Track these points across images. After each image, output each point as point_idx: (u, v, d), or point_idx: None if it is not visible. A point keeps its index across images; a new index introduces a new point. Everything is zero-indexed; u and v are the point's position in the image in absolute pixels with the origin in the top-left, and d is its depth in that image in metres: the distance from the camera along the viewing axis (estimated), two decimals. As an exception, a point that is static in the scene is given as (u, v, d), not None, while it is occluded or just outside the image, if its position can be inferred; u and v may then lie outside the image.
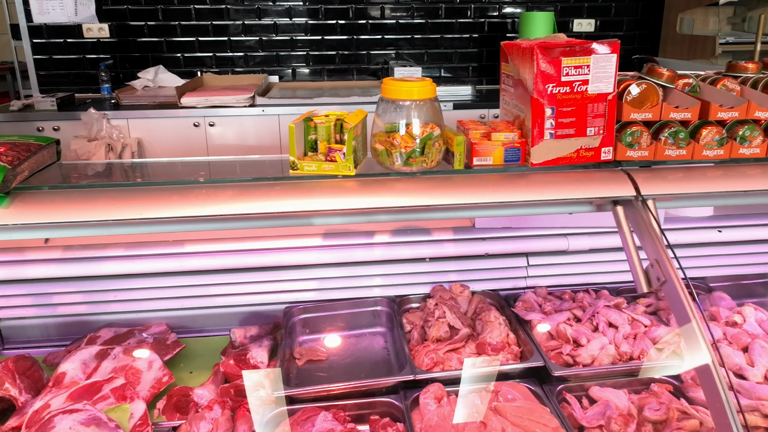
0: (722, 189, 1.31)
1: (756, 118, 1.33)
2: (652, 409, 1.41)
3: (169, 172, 1.43)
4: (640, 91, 1.28)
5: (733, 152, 1.33)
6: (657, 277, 1.18)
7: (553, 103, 1.19)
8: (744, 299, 2.02)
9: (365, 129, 1.25)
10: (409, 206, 1.08)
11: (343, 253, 1.71)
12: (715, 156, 1.32)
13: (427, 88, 1.16)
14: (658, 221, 1.23)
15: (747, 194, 1.32)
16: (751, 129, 1.32)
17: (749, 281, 2.08)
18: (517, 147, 1.24)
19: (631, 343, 1.65)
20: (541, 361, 1.52)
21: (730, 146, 1.32)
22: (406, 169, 1.16)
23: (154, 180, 1.20)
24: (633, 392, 1.54)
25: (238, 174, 1.25)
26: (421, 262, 1.79)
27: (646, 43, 4.56)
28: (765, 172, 1.35)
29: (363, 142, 1.23)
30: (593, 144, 1.25)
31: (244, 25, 4.13)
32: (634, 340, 1.66)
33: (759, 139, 1.33)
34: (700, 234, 1.96)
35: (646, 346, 1.62)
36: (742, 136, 1.32)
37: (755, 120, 1.33)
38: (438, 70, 4.46)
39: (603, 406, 1.42)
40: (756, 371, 1.54)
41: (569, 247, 1.86)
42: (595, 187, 1.25)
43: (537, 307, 1.79)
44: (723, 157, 1.32)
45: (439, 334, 1.61)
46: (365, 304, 1.79)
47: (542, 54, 1.16)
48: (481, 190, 1.15)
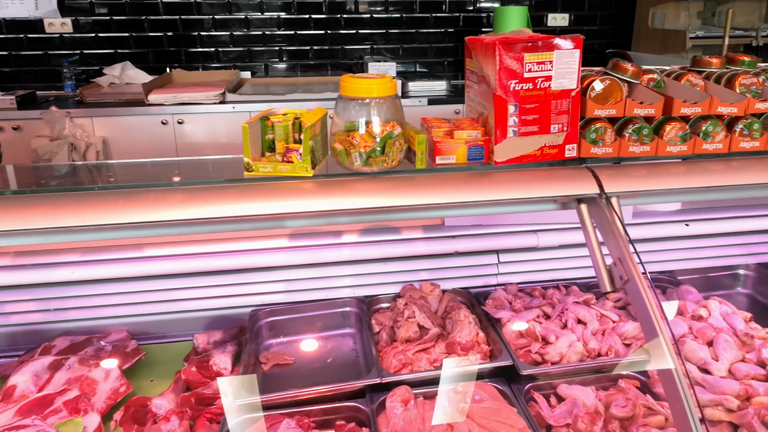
0: (686, 185, 1.31)
1: (719, 114, 1.33)
2: (618, 406, 1.41)
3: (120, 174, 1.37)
4: (604, 87, 1.26)
5: (697, 148, 1.33)
6: (620, 276, 1.17)
7: (516, 99, 1.17)
8: (711, 291, 2.05)
9: (326, 128, 1.21)
10: (369, 208, 1.05)
11: (310, 254, 1.67)
12: (678, 152, 1.32)
13: (387, 86, 1.13)
14: (621, 219, 1.22)
15: (710, 190, 1.33)
16: (714, 124, 1.32)
17: (716, 273, 2.11)
18: (480, 145, 1.21)
19: (600, 339, 1.65)
20: (509, 360, 1.51)
21: (693, 142, 1.32)
22: (366, 169, 1.13)
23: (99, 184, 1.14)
24: (601, 389, 1.53)
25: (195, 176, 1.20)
26: (391, 261, 1.77)
27: (619, 37, 4.60)
28: (728, 167, 1.35)
29: (323, 142, 1.20)
30: (557, 141, 1.23)
31: (215, 20, 4.04)
32: (602, 337, 1.66)
33: (722, 135, 1.33)
34: (667, 228, 1.97)
35: (614, 342, 1.62)
36: (705, 131, 1.32)
37: (718, 115, 1.33)
38: (413, 65, 4.44)
39: (570, 405, 1.41)
40: (720, 365, 1.55)
41: (539, 244, 1.85)
42: (559, 186, 1.23)
43: (507, 305, 1.78)
44: (686, 153, 1.32)
45: (409, 335, 1.59)
46: (334, 305, 1.76)
47: (504, 50, 1.14)
48: (443, 189, 1.13)
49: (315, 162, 1.11)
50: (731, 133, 1.34)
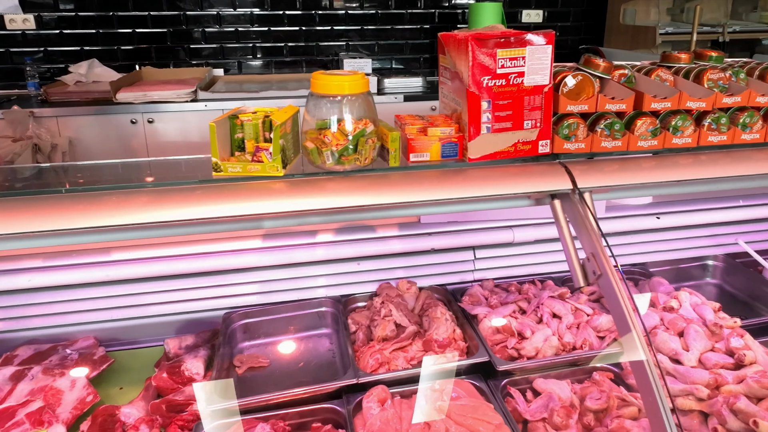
0: (656, 179, 1.32)
1: (688, 108, 1.34)
2: (593, 398, 1.43)
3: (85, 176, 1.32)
4: (576, 83, 1.27)
5: (667, 142, 1.34)
6: (593, 271, 1.18)
7: (490, 96, 1.17)
8: (682, 282, 2.09)
9: (297, 126, 1.19)
10: (342, 207, 1.03)
11: (284, 255, 1.65)
12: (649, 146, 1.33)
13: (359, 82, 1.12)
14: (594, 214, 1.22)
15: (680, 183, 1.34)
16: (683, 119, 1.33)
17: (686, 265, 2.15)
18: (454, 142, 1.21)
19: (574, 332, 1.66)
20: (486, 356, 1.51)
21: (663, 136, 1.33)
22: (338, 167, 1.11)
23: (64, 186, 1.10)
24: (576, 381, 1.55)
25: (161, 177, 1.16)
26: (367, 260, 1.75)
27: (592, 33, 4.65)
28: (696, 161, 1.37)
29: (295, 141, 1.17)
30: (530, 137, 1.23)
31: (186, 16, 3.96)
32: (577, 330, 1.68)
33: (690, 129, 1.35)
34: (640, 221, 2.00)
35: (588, 336, 1.64)
36: (674, 126, 1.34)
37: (687, 110, 1.35)
38: (389, 61, 4.42)
39: (546, 399, 1.42)
40: (690, 355, 1.57)
41: (515, 239, 1.86)
42: (532, 182, 1.23)
43: (483, 301, 1.78)
44: (657, 147, 1.34)
45: (385, 333, 1.57)
46: (309, 305, 1.74)
47: (477, 46, 1.13)
48: (417, 187, 1.12)
49: (286, 161, 1.08)
50: (700, 127, 1.36)
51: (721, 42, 4.10)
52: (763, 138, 1.39)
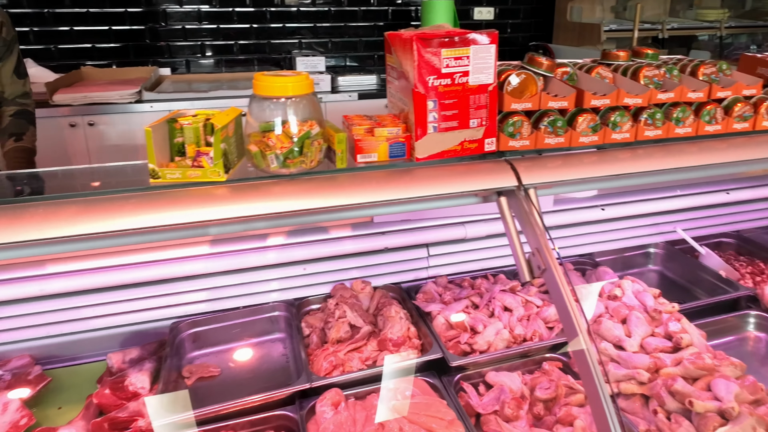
0: (597, 174, 1.36)
1: (625, 105, 1.39)
2: (542, 388, 1.46)
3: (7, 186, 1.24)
4: (520, 81, 1.29)
5: (606, 138, 1.38)
6: (538, 266, 1.20)
7: (435, 95, 1.17)
8: (626, 270, 2.17)
9: (241, 129, 1.16)
10: (288, 212, 1.02)
11: (234, 260, 1.61)
12: (590, 142, 1.37)
13: (303, 83, 1.10)
14: (539, 210, 1.25)
15: (619, 177, 1.39)
16: (621, 115, 1.38)
17: (630, 253, 2.23)
18: (401, 142, 1.21)
19: (525, 325, 1.70)
20: (439, 353, 1.53)
21: (603, 132, 1.37)
22: (284, 171, 1.09)
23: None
24: (527, 372, 1.59)
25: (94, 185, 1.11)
26: (320, 262, 1.73)
27: (541, 30, 4.76)
28: (634, 155, 1.42)
29: (238, 144, 1.14)
30: (477, 136, 1.25)
31: (128, 13, 3.81)
32: (527, 322, 1.72)
33: (628, 125, 1.39)
34: (586, 213, 2.06)
35: (538, 327, 1.68)
36: (613, 122, 1.38)
37: (625, 106, 1.39)
38: (343, 59, 4.39)
39: (498, 391, 1.45)
40: (632, 341, 1.63)
41: (467, 235, 1.88)
42: (479, 179, 1.25)
43: (437, 298, 1.80)
44: (598, 142, 1.38)
45: (339, 335, 1.57)
46: (261, 310, 1.71)
47: (422, 45, 1.13)
48: (364, 189, 1.11)
49: (229, 165, 1.06)
50: (637, 122, 1.41)
51: (661, 38, 4.27)
52: (694, 132, 1.46)
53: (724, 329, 1.80)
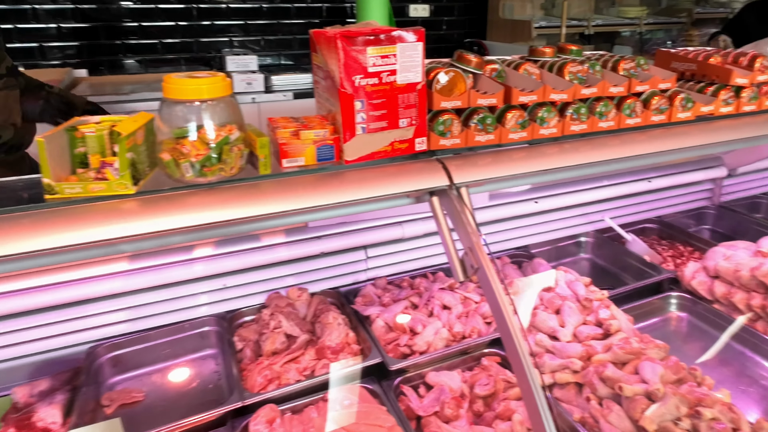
0: (526, 170, 1.37)
1: (552, 100, 1.40)
2: (481, 385, 1.47)
3: None
4: (449, 79, 1.27)
5: (535, 133, 1.40)
6: (471, 265, 1.20)
7: (363, 95, 1.14)
8: (559, 260, 2.24)
9: (154, 135, 1.08)
10: (207, 224, 0.95)
11: (157, 275, 1.51)
12: (519, 138, 1.37)
13: (219, 85, 1.03)
14: (470, 209, 1.24)
15: (547, 172, 1.40)
16: (548, 111, 1.40)
17: (563, 243, 2.30)
18: (329, 144, 1.16)
19: (464, 321, 1.70)
20: (379, 358, 1.50)
21: (532, 128, 1.38)
22: (201, 180, 1.02)
23: None
24: (467, 369, 1.59)
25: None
26: (254, 271, 1.65)
27: (476, 27, 4.83)
28: (562, 150, 1.44)
29: (150, 152, 1.06)
30: (407, 135, 1.22)
31: (35, 10, 3.54)
32: (466, 319, 1.72)
33: (555, 120, 1.41)
34: (520, 206, 2.10)
35: (476, 323, 1.69)
36: (541, 117, 1.39)
37: (551, 102, 1.41)
38: (277, 57, 4.28)
39: (438, 392, 1.44)
40: (566, 331, 1.67)
41: (405, 235, 1.86)
42: (411, 180, 1.23)
43: (376, 300, 1.77)
44: (526, 138, 1.39)
45: (275, 347, 1.51)
46: (190, 327, 1.62)
47: (346, 43, 1.09)
48: (291, 195, 1.06)
49: (138, 177, 0.98)
50: (563, 118, 1.43)
51: (587, 34, 4.44)
52: (616, 125, 1.50)
53: (650, 312, 1.89)
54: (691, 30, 4.79)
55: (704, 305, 1.88)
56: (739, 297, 1.81)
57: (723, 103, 1.67)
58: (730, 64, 1.79)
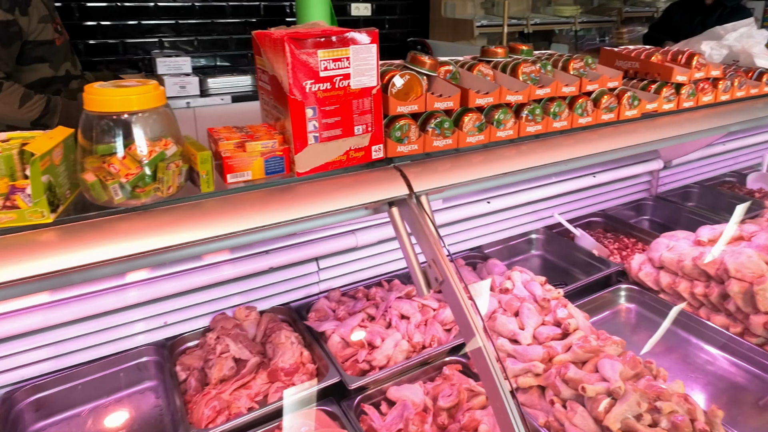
0: (486, 174, 1.33)
1: (507, 102, 1.37)
2: (444, 396, 1.42)
3: None
4: (405, 82, 1.21)
5: (492, 136, 1.36)
6: (435, 278, 1.14)
7: (314, 102, 1.04)
8: (512, 258, 2.24)
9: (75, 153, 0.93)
10: (141, 253, 0.83)
11: (84, 306, 1.35)
12: (477, 142, 1.33)
13: (152, 95, 0.91)
14: (432, 218, 1.19)
15: (506, 175, 1.36)
16: (504, 112, 1.36)
17: (515, 241, 2.30)
18: (279, 156, 1.06)
19: (423, 330, 1.65)
20: (337, 376, 1.42)
21: (488, 131, 1.34)
22: (133, 202, 0.89)
23: None
24: (428, 380, 1.54)
25: None
26: (196, 293, 1.52)
27: (418, 26, 4.78)
28: (519, 152, 1.41)
29: (71, 173, 0.92)
30: (363, 143, 1.14)
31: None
32: (425, 327, 1.66)
33: (511, 122, 1.38)
34: (473, 207, 2.08)
35: (436, 332, 1.63)
36: (497, 119, 1.36)
37: (507, 103, 1.37)
38: (213, 58, 4.04)
39: (401, 408, 1.38)
40: (526, 333, 1.65)
41: (359, 243, 1.78)
42: (368, 191, 1.15)
43: (331, 314, 1.68)
44: (484, 141, 1.35)
45: (223, 373, 1.39)
46: (125, 358, 1.47)
47: (295, 46, 0.99)
48: (237, 214, 0.95)
49: (57, 202, 0.84)
50: (519, 119, 1.40)
51: (526, 33, 4.51)
52: (569, 125, 1.49)
53: (601, 305, 1.91)
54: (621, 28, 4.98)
55: (651, 295, 1.92)
56: (684, 286, 1.86)
57: (665, 100, 1.71)
58: (669, 62, 1.83)
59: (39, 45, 2.03)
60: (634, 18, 5.31)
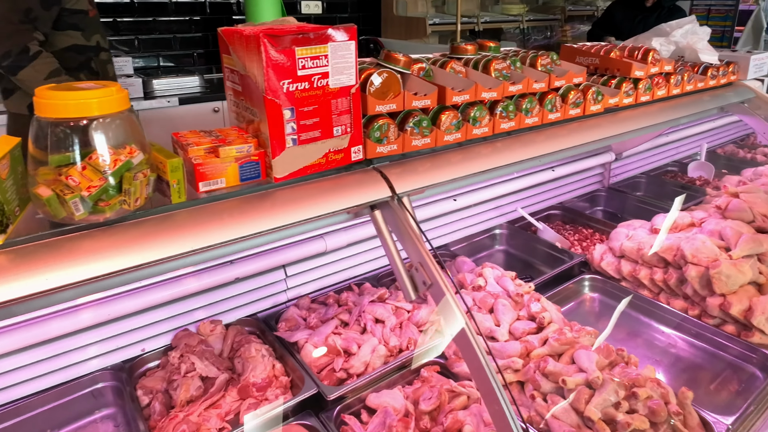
0: (465, 172, 1.30)
1: (482, 99, 1.34)
2: (425, 399, 1.39)
3: None
4: (383, 81, 1.15)
5: (468, 134, 1.33)
6: (423, 281, 1.10)
7: (292, 102, 0.97)
8: (478, 254, 2.24)
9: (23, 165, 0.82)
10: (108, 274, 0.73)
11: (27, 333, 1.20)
12: (455, 140, 1.31)
13: (114, 98, 0.81)
14: (415, 219, 1.14)
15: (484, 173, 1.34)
16: (480, 110, 1.33)
17: (480, 237, 2.30)
18: (254, 161, 0.98)
19: (399, 333, 1.60)
20: (314, 388, 1.36)
21: (465, 128, 1.32)
22: (96, 218, 0.79)
23: None
24: (407, 384, 1.50)
25: None
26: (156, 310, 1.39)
27: (370, 24, 4.70)
28: (495, 149, 1.39)
29: (20, 187, 0.80)
30: (342, 145, 1.08)
31: None
32: (400, 330, 1.62)
33: (487, 119, 1.36)
34: (440, 206, 2.05)
35: (412, 333, 1.60)
36: (473, 117, 1.33)
37: (481, 100, 1.34)
38: (155, 59, 3.81)
39: (382, 415, 1.34)
40: (502, 330, 1.64)
41: (327, 248, 1.71)
42: (350, 195, 1.09)
43: (302, 323, 1.61)
44: (461, 140, 1.32)
45: (190, 394, 1.29)
46: (78, 386, 1.34)
47: (271, 43, 0.92)
48: (213, 226, 0.87)
49: (5, 221, 0.72)
50: (493, 116, 1.37)
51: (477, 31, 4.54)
52: (540, 121, 1.48)
53: (567, 296, 1.93)
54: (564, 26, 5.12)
55: (613, 284, 1.96)
56: (644, 273, 1.91)
57: (625, 94, 1.74)
58: (627, 58, 1.87)
59: (74, 13, 2.22)
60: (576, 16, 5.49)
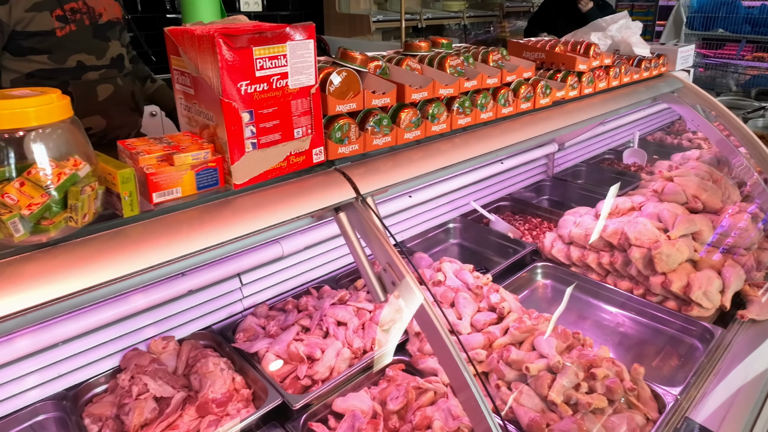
0: (426, 170, 1.29)
1: (439, 96, 1.33)
2: (393, 399, 1.38)
3: None
4: (342, 80, 1.11)
5: (428, 131, 1.32)
6: (392, 282, 1.08)
7: (251, 105, 0.92)
8: (432, 249, 2.24)
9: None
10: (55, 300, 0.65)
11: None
12: (414, 137, 1.29)
13: (55, 105, 0.72)
14: (381, 219, 1.12)
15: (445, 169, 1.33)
16: (438, 106, 1.33)
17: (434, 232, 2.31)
18: (212, 167, 0.92)
19: (362, 335, 1.58)
20: (278, 398, 1.31)
21: (424, 126, 1.31)
22: (38, 238, 0.70)
23: None
24: (373, 384, 1.48)
25: None
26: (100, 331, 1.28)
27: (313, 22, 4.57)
28: (453, 145, 1.38)
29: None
30: (303, 147, 1.03)
31: None
32: (363, 331, 1.60)
33: (444, 115, 1.35)
34: (395, 203, 2.03)
35: (375, 333, 1.57)
36: (432, 114, 1.32)
37: (438, 97, 1.33)
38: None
39: (350, 419, 1.31)
40: (464, 322, 1.65)
41: (284, 252, 1.64)
42: (314, 198, 1.05)
43: (261, 332, 1.54)
44: (420, 137, 1.31)
45: (144, 417, 1.20)
46: (16, 421, 1.22)
47: (227, 43, 0.86)
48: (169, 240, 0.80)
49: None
50: (450, 112, 1.37)
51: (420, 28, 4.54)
52: (495, 115, 1.49)
53: (521, 285, 1.97)
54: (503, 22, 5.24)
55: (564, 270, 2.02)
56: (592, 258, 1.97)
57: (570, 87, 1.78)
58: (570, 52, 1.91)
59: (30, 36, 1.88)
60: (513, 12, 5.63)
